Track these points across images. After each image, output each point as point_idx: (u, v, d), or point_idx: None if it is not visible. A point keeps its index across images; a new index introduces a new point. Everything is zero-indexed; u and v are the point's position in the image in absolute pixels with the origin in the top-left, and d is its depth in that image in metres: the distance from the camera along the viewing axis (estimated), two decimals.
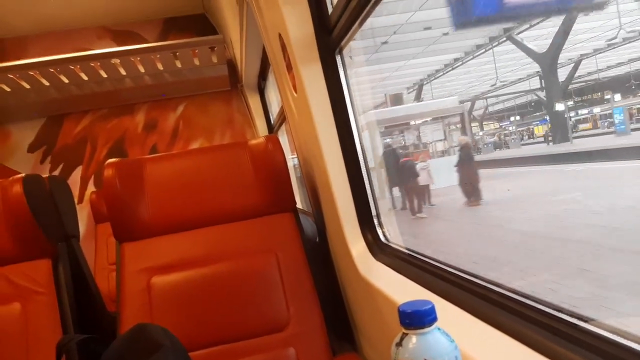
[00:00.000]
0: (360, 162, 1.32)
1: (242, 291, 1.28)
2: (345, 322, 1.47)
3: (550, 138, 12.72)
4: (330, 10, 1.24)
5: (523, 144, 16.30)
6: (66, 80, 3.00)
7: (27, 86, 2.96)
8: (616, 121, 10.12)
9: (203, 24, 3.41)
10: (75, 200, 3.20)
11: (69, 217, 1.52)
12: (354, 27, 1.16)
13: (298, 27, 1.27)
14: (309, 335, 1.26)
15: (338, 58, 1.30)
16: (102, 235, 3.12)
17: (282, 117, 2.84)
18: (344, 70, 1.31)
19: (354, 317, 1.40)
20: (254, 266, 1.32)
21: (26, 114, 3.30)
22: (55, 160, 3.37)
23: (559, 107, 10.90)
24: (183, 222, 1.37)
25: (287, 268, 1.32)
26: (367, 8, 1.06)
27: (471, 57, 12.95)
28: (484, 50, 12.36)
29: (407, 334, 0.58)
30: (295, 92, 1.40)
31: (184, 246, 1.35)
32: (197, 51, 2.98)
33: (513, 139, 17.95)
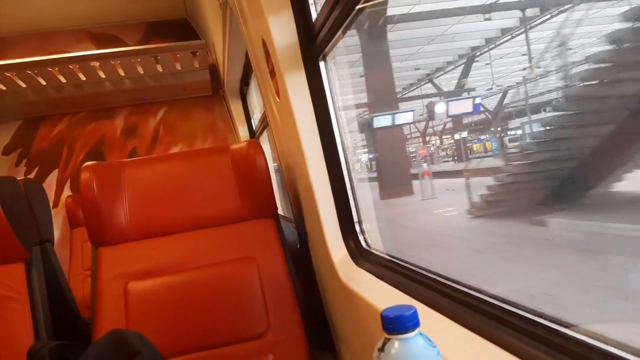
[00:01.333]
0: (343, 169, 1.33)
1: (221, 297, 1.27)
2: (325, 329, 1.46)
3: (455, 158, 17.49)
4: (314, 17, 1.25)
5: (444, 161, 19.58)
6: (44, 83, 2.95)
7: (4, 87, 2.90)
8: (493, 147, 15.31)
9: (185, 29, 3.39)
10: (51, 205, 3.14)
11: (43, 221, 1.48)
12: (337, 34, 1.17)
13: (282, 33, 1.27)
14: (288, 343, 1.25)
15: (322, 64, 1.30)
16: (78, 241, 3.05)
17: (264, 123, 2.83)
18: (327, 76, 1.31)
19: (335, 324, 1.40)
20: (233, 272, 1.30)
21: (2, 116, 3.23)
22: (31, 163, 3.30)
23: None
24: (161, 227, 1.35)
25: (267, 274, 1.31)
26: (351, 16, 1.06)
27: None
28: None
29: (389, 339, 0.58)
30: (279, 97, 1.39)
31: (162, 251, 1.32)
32: (178, 56, 2.96)
33: (439, 156, 20.65)
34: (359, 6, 1.01)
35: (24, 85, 2.93)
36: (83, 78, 2.98)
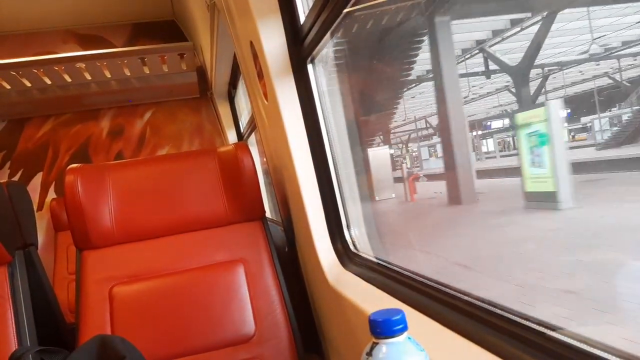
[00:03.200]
0: (331, 172, 1.32)
1: (208, 301, 1.26)
2: (313, 333, 1.46)
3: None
4: (302, 19, 1.25)
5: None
6: (28, 84, 2.91)
7: None
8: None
9: (173, 30, 3.37)
10: (35, 208, 3.10)
11: (27, 224, 1.46)
12: (325, 37, 1.17)
13: (270, 36, 1.27)
14: (275, 347, 1.25)
15: (310, 67, 1.30)
16: (62, 244, 3.02)
17: (252, 126, 2.82)
18: (315, 79, 1.31)
19: (323, 327, 1.39)
20: (220, 276, 1.29)
21: None
22: (15, 166, 3.25)
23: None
24: (147, 230, 1.34)
25: (255, 278, 1.31)
26: (339, 19, 1.06)
27: None
28: None
29: (377, 343, 0.57)
30: (267, 100, 1.39)
31: (147, 255, 1.31)
32: (165, 57, 2.94)
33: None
34: (346, 9, 1.01)
35: (8, 87, 2.88)
36: (68, 79, 2.95)
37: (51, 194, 3.28)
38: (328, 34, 1.15)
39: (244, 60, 1.54)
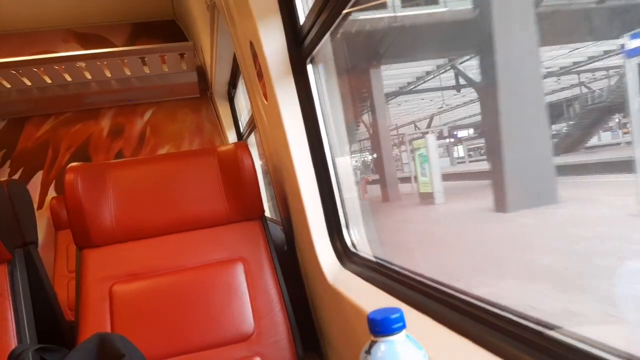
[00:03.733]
0: (331, 171, 1.33)
1: (207, 300, 1.26)
2: (312, 332, 1.46)
3: None
4: (302, 19, 1.25)
5: None
6: (29, 83, 2.91)
7: None
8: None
9: (173, 30, 3.37)
10: (35, 206, 3.10)
11: (27, 222, 1.46)
12: (325, 37, 1.17)
13: (270, 36, 1.27)
14: (275, 345, 1.25)
15: (309, 67, 1.30)
16: (62, 243, 3.02)
17: (252, 126, 2.83)
18: (315, 79, 1.32)
19: (322, 326, 1.40)
20: (219, 274, 1.30)
21: None
22: (15, 164, 3.25)
23: None
24: (147, 229, 1.34)
25: (254, 277, 1.31)
26: (338, 20, 1.07)
27: None
28: None
29: (375, 342, 0.58)
30: (266, 100, 1.39)
31: (147, 254, 1.32)
32: (166, 57, 2.94)
33: None
34: (345, 10, 1.02)
35: (8, 86, 2.89)
36: (69, 79, 2.95)
37: (51, 193, 3.29)
38: (328, 35, 1.15)
39: (243, 60, 1.54)
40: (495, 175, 2.82)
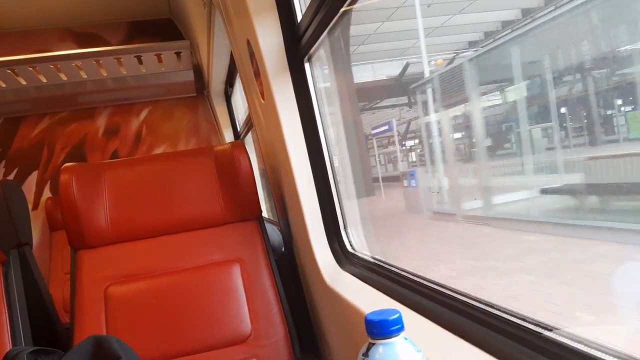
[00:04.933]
0: (328, 171, 1.32)
1: (204, 301, 1.25)
2: (310, 333, 1.45)
3: None
4: (299, 18, 1.24)
5: None
6: (24, 82, 2.89)
7: None
8: None
9: (169, 29, 3.36)
10: (30, 207, 3.09)
11: (22, 223, 1.45)
12: (322, 36, 1.16)
13: (267, 34, 1.26)
14: (272, 347, 1.24)
15: (307, 66, 1.29)
16: (58, 244, 3.00)
17: (249, 125, 2.81)
18: (312, 78, 1.31)
19: (320, 328, 1.39)
20: (216, 276, 1.29)
21: None
22: (10, 164, 3.23)
23: None
24: (143, 230, 1.33)
25: (251, 278, 1.30)
26: (336, 18, 1.06)
27: None
28: None
29: (373, 344, 0.57)
30: (263, 99, 1.38)
31: (143, 255, 1.30)
32: (162, 56, 2.92)
33: None
34: (343, 8, 1.01)
35: (3, 85, 2.86)
36: (64, 78, 2.93)
37: (46, 193, 3.27)
38: (325, 33, 1.14)
39: (240, 59, 1.53)
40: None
